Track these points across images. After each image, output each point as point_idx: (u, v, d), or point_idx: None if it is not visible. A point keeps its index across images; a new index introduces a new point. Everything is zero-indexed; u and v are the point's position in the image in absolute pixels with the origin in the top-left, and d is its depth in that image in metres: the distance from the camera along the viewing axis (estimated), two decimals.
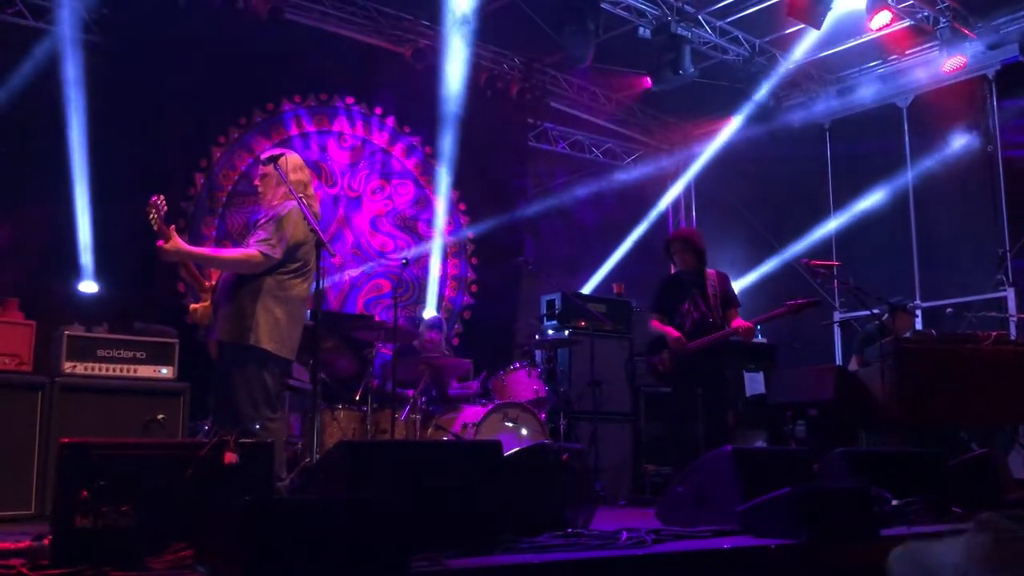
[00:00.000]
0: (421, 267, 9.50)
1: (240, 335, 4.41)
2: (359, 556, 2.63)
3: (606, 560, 3.24)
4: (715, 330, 6.24)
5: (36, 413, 5.46)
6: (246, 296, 4.46)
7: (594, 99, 10.73)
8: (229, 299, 4.48)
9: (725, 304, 6.40)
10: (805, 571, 3.64)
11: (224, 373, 4.43)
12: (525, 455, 4.15)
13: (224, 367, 4.45)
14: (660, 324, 6.44)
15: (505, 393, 6.88)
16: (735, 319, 6.29)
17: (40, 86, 7.09)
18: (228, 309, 4.47)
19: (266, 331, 4.43)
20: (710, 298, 6.35)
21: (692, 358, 6.23)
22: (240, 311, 4.43)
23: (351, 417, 6.52)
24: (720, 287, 6.43)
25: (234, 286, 4.51)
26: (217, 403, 4.59)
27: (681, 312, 6.38)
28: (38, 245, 7.19)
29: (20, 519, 5.19)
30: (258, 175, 4.78)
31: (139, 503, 2.95)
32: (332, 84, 9.09)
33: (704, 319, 6.31)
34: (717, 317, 6.31)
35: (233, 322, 4.43)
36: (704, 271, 6.46)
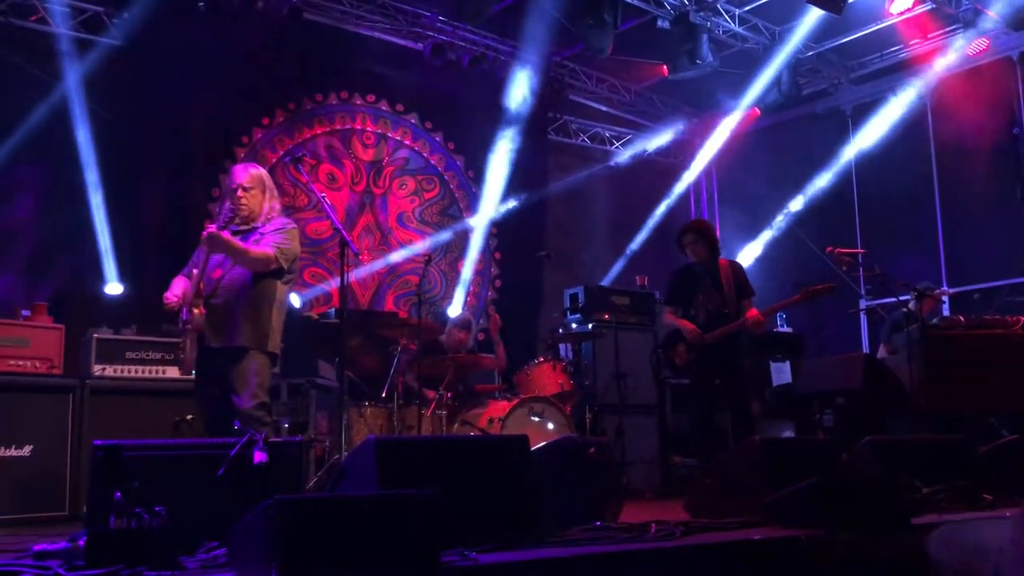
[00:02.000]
0: (448, 263, 9.53)
1: (260, 340, 4.55)
2: (390, 552, 2.65)
3: (635, 553, 3.24)
4: (730, 321, 6.19)
5: (67, 415, 5.54)
6: (264, 302, 4.59)
7: (613, 91, 10.69)
8: (248, 305, 4.55)
9: (740, 294, 6.34)
10: (835, 561, 3.63)
11: (223, 375, 4.49)
12: (552, 449, 4.15)
13: (226, 369, 4.50)
14: (674, 317, 6.41)
15: (530, 387, 6.87)
16: (750, 309, 6.24)
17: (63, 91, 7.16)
18: (249, 315, 4.55)
19: (278, 336, 4.65)
20: (724, 288, 6.29)
21: (708, 350, 6.19)
22: (261, 317, 4.57)
23: (377, 414, 6.54)
24: (734, 277, 6.37)
25: (251, 292, 4.57)
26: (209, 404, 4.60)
27: (695, 304, 6.34)
28: (64, 249, 7.26)
29: (54, 520, 5.27)
30: (241, 191, 4.66)
31: (171, 503, 2.98)
32: (353, 82, 9.13)
33: (719, 310, 6.26)
34: (732, 308, 6.25)
35: (256, 327, 4.54)
36: (717, 261, 6.41)
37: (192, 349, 4.48)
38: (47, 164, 7.20)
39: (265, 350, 4.59)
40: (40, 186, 7.18)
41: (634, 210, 11.06)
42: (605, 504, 4.12)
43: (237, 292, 4.56)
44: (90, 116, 7.29)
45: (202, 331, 4.48)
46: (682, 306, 6.41)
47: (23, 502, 5.23)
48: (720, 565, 3.37)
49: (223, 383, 4.51)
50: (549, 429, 6.38)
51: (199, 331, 4.48)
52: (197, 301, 4.48)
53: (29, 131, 7.11)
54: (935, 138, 9.60)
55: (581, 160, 11.06)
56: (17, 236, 7.10)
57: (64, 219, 7.23)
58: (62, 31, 7.46)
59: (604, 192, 10.95)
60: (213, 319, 4.50)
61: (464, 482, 3.41)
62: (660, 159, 11.60)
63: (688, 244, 6.46)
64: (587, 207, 10.79)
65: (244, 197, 4.65)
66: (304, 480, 4.71)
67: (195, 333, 4.48)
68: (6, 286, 6.86)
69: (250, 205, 4.66)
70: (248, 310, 4.56)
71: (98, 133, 7.30)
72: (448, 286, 9.52)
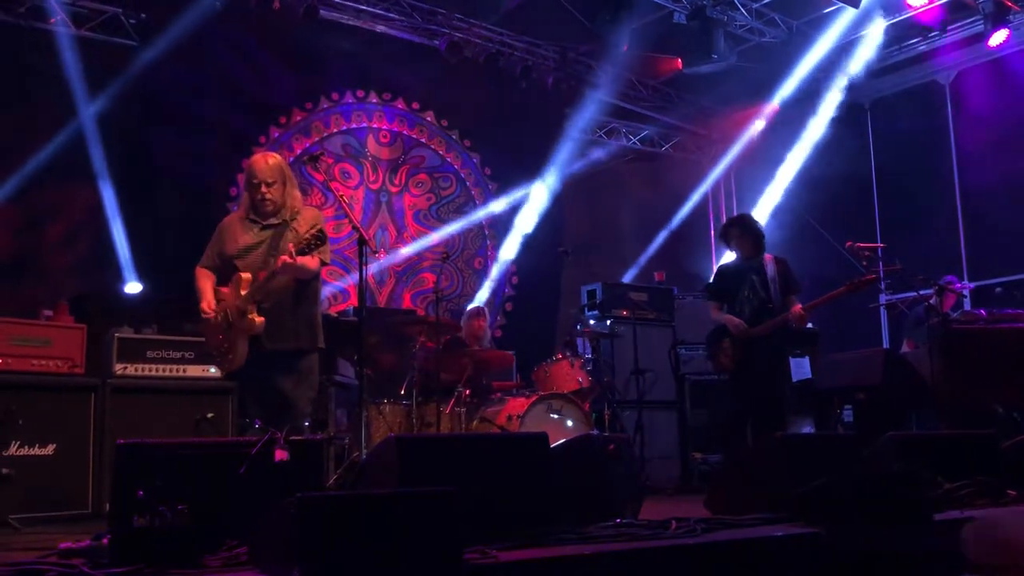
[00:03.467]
0: (464, 260, 9.54)
1: (313, 340, 4.62)
2: (412, 549, 2.66)
3: (657, 550, 3.23)
4: (775, 316, 6.13)
5: (89, 414, 5.56)
6: (311, 302, 4.66)
7: (630, 86, 10.66)
8: (298, 306, 4.59)
9: (785, 290, 6.25)
10: (857, 557, 3.61)
11: (272, 376, 4.52)
12: (572, 446, 4.16)
13: (282, 369, 4.53)
14: (718, 312, 6.35)
15: (548, 384, 6.87)
16: (795, 305, 6.12)
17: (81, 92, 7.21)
18: (301, 315, 4.60)
19: (323, 334, 4.68)
20: (769, 284, 6.22)
21: (753, 345, 6.13)
22: (312, 316, 4.63)
23: (396, 411, 6.56)
24: (779, 272, 6.29)
25: (300, 293, 4.59)
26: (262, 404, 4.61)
27: (740, 299, 6.28)
28: (85, 249, 7.31)
29: (78, 519, 5.30)
30: (264, 186, 4.61)
31: (194, 501, 3.00)
32: (369, 80, 9.16)
33: (763, 305, 6.16)
34: (777, 303, 6.18)
35: (309, 327, 4.61)
36: (762, 257, 6.34)
37: (243, 350, 4.49)
38: (66, 166, 7.25)
39: (316, 347, 4.67)
40: (60, 187, 7.22)
41: (653, 206, 11.03)
42: (625, 501, 4.12)
43: (287, 294, 4.56)
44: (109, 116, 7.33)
45: (255, 333, 4.48)
46: (726, 301, 6.34)
47: (47, 501, 5.26)
48: (741, 562, 3.36)
49: (274, 381, 4.54)
50: (568, 426, 6.38)
51: (251, 333, 4.48)
52: (251, 306, 4.47)
53: (48, 131, 7.17)
54: (955, 131, 9.53)
55: (598, 156, 11.02)
56: (39, 237, 7.15)
57: (84, 220, 7.28)
58: (81, 33, 7.50)
59: (622, 188, 10.92)
60: (267, 322, 4.50)
61: (484, 480, 3.42)
62: (678, 155, 11.55)
63: (734, 238, 6.38)
64: (605, 203, 10.77)
65: (268, 192, 4.61)
66: (325, 478, 4.73)
67: (246, 335, 4.49)
68: (28, 286, 6.92)
69: (274, 199, 4.64)
70: (300, 311, 4.60)
71: (116, 133, 7.34)
72: (465, 284, 9.53)
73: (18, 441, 5.23)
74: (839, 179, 10.20)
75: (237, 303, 4.47)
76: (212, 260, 4.71)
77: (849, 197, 10.13)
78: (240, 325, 4.46)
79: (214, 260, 4.70)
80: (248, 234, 4.62)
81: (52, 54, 7.23)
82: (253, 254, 4.57)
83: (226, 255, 4.62)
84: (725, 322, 6.24)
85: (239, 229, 4.66)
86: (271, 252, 4.54)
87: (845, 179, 10.20)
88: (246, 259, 4.57)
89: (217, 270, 4.70)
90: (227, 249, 4.62)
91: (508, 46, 9.42)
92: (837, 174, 10.23)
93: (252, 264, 4.55)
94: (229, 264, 4.63)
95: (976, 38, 9.13)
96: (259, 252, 4.57)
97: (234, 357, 4.48)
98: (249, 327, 4.44)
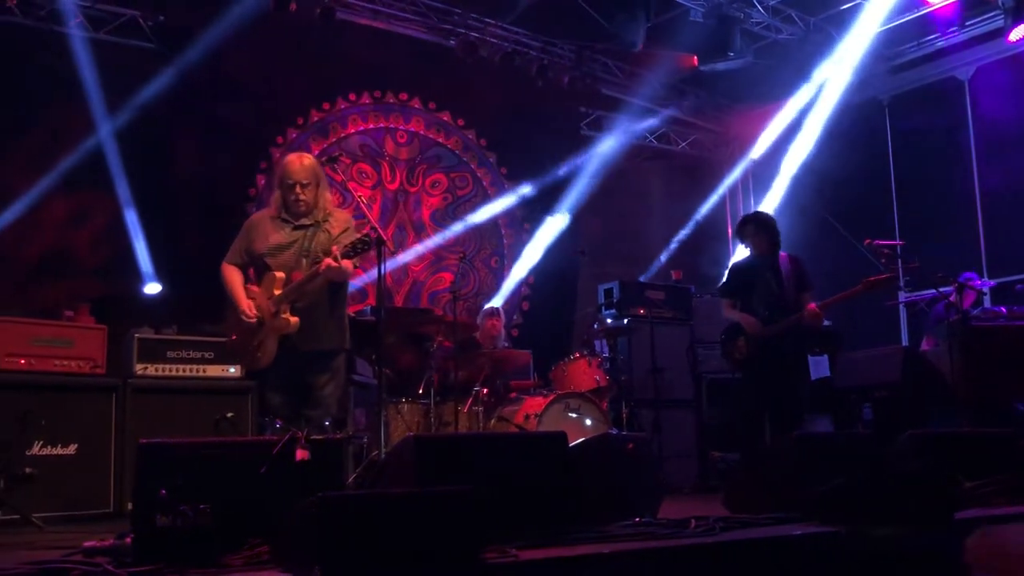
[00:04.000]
0: (482, 260, 9.56)
1: (343, 340, 4.71)
2: (432, 549, 2.67)
3: (676, 549, 3.24)
4: (789, 315, 6.11)
5: (110, 414, 5.63)
6: (341, 303, 4.74)
7: (646, 85, 10.64)
8: (330, 307, 4.64)
9: (799, 288, 6.23)
10: (876, 557, 3.60)
11: (303, 375, 4.55)
12: (590, 445, 4.16)
13: (313, 369, 4.57)
14: (732, 309, 6.33)
15: (566, 383, 6.87)
16: (809, 303, 6.09)
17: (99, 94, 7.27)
18: (334, 316, 4.67)
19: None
20: (784, 282, 6.20)
21: (767, 344, 6.11)
22: (341, 317, 4.71)
23: (415, 410, 6.58)
24: (794, 270, 6.26)
25: (331, 295, 4.64)
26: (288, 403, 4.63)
27: (755, 297, 6.26)
28: (104, 250, 7.37)
29: (99, 518, 5.36)
30: (299, 187, 4.63)
31: (215, 501, 3.02)
32: (386, 81, 9.18)
33: (778, 304, 6.13)
34: (791, 302, 6.16)
35: (339, 328, 4.68)
36: (777, 255, 6.32)
37: (272, 349, 4.51)
38: (86, 167, 7.30)
39: (344, 348, 4.76)
40: (80, 190, 7.28)
41: (669, 205, 11.02)
42: (644, 500, 4.12)
43: (320, 295, 4.60)
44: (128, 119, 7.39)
45: (288, 332, 4.50)
46: (741, 299, 6.32)
47: (69, 500, 5.32)
48: (760, 561, 3.36)
49: (305, 381, 4.59)
50: (586, 425, 6.38)
51: (285, 332, 4.51)
52: (284, 305, 4.49)
53: (67, 135, 7.23)
54: (974, 126, 9.46)
55: (614, 155, 11.00)
56: (60, 240, 7.21)
57: (104, 222, 7.33)
58: (99, 36, 7.56)
59: (640, 187, 10.91)
60: (301, 322, 4.53)
61: (503, 479, 3.43)
62: (694, 152, 11.53)
63: (749, 236, 6.36)
64: (622, 203, 10.75)
65: (302, 193, 4.63)
66: (345, 477, 4.75)
67: (277, 334, 4.51)
68: (50, 288, 6.98)
69: (307, 200, 4.66)
70: (334, 312, 4.67)
71: (135, 135, 7.40)
72: (482, 283, 9.54)
73: (40, 441, 5.30)
74: (857, 176, 10.13)
75: (270, 302, 4.50)
76: (240, 257, 4.73)
77: (867, 194, 10.06)
78: (273, 324, 4.49)
79: (242, 257, 4.73)
80: (279, 233, 4.65)
81: (70, 57, 7.28)
82: (285, 253, 4.60)
83: (255, 252, 4.65)
84: (739, 320, 6.22)
85: (270, 227, 4.69)
86: (303, 253, 4.58)
87: (863, 176, 10.14)
88: (277, 258, 4.60)
89: (243, 267, 4.73)
90: (256, 247, 4.64)
91: (524, 45, 9.42)
92: (855, 171, 10.17)
93: (284, 264, 4.58)
94: (257, 261, 4.66)
95: (996, 33, 9.05)
96: (291, 252, 4.60)
97: (263, 355, 4.51)
98: (283, 326, 4.48)
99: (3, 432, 5.14)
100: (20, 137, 7.12)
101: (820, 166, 10.39)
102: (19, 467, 5.13)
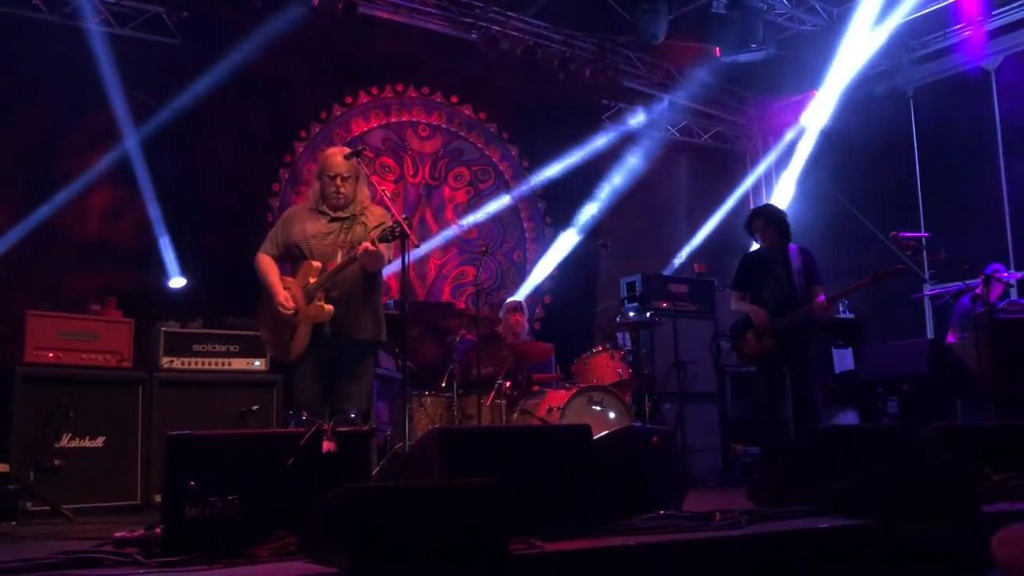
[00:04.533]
0: (504, 253, 9.57)
1: (379, 331, 4.71)
2: (459, 540, 2.69)
3: (701, 542, 3.24)
4: (799, 307, 6.11)
5: (137, 407, 5.69)
6: (376, 293, 4.75)
7: (668, 76, 10.61)
8: (365, 297, 4.66)
9: (808, 281, 6.24)
10: (904, 550, 3.58)
11: (335, 365, 4.59)
12: (615, 438, 4.16)
13: (348, 360, 4.60)
14: (742, 302, 6.34)
15: (588, 376, 6.87)
16: (818, 296, 6.14)
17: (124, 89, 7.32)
18: (370, 307, 4.68)
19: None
20: (793, 275, 6.20)
21: (776, 336, 6.12)
22: (378, 308, 4.72)
23: (438, 404, 6.60)
24: (803, 263, 6.27)
25: (367, 284, 4.66)
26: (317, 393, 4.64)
27: (764, 290, 6.27)
28: (130, 245, 7.43)
29: (128, 509, 5.42)
30: (340, 179, 4.68)
31: (242, 492, 3.05)
32: (407, 75, 9.19)
33: (787, 297, 6.17)
34: (801, 295, 6.17)
35: (375, 319, 4.68)
36: (787, 247, 6.32)
37: (305, 338, 4.52)
38: (112, 162, 7.36)
39: (381, 340, 4.77)
40: (105, 184, 7.34)
41: (693, 197, 10.97)
42: (668, 493, 4.12)
43: (355, 284, 4.63)
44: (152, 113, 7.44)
45: (323, 320, 4.53)
46: (750, 292, 6.32)
47: (97, 492, 5.38)
48: (786, 554, 3.35)
49: (336, 370, 4.60)
50: (610, 418, 6.37)
51: (319, 320, 4.53)
52: (319, 293, 4.52)
53: (93, 128, 7.29)
54: (1001, 117, 9.35)
55: (637, 148, 10.98)
56: (86, 234, 7.28)
57: (130, 216, 7.39)
58: (124, 32, 7.61)
59: (662, 180, 10.86)
60: (336, 311, 4.55)
61: (528, 471, 3.44)
62: (718, 145, 11.47)
63: (759, 229, 6.38)
64: (645, 195, 10.70)
65: (343, 186, 4.67)
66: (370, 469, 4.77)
67: (311, 322, 4.54)
68: (77, 282, 7.05)
69: (346, 194, 4.70)
70: (370, 302, 4.69)
71: (159, 131, 7.45)
72: (504, 276, 9.55)
73: (69, 433, 5.36)
74: (881, 167, 10.06)
75: (305, 290, 4.53)
76: (276, 248, 4.76)
77: (892, 186, 9.98)
78: (307, 312, 4.52)
79: (278, 248, 4.76)
80: (317, 223, 4.69)
81: (94, 53, 7.33)
82: (322, 244, 4.63)
83: (291, 243, 4.68)
84: (748, 312, 6.23)
85: (307, 218, 4.72)
86: (338, 244, 4.61)
87: (888, 167, 10.06)
88: (314, 248, 4.63)
89: (279, 259, 4.76)
90: (293, 237, 4.67)
91: (545, 38, 9.40)
92: (880, 162, 10.10)
93: (321, 254, 4.61)
94: (293, 252, 4.68)
95: (1022, 23, 8.95)
96: (328, 242, 4.63)
97: (295, 345, 4.53)
98: (318, 314, 4.50)
99: (32, 425, 5.20)
100: (51, 134, 7.18)
101: (844, 157, 10.31)
102: (48, 459, 5.19)
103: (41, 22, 7.25)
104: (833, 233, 10.21)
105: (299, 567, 2.77)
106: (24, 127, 7.13)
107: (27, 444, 5.15)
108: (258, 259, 4.74)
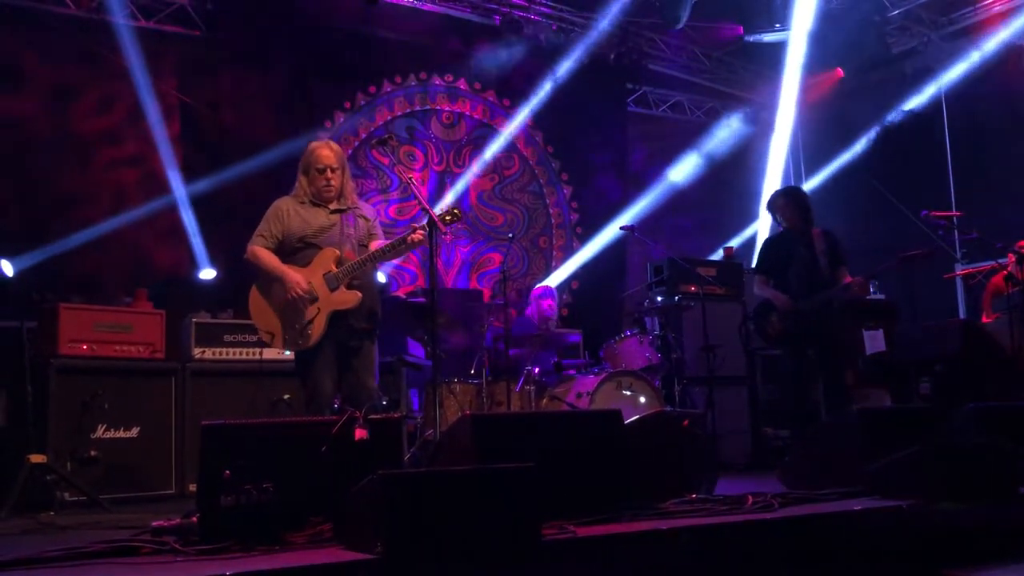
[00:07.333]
0: (530, 239, 9.56)
1: (378, 321, 4.80)
2: (492, 525, 2.69)
3: (734, 525, 3.23)
4: (824, 289, 6.06)
5: (170, 397, 5.75)
6: (376, 285, 4.93)
7: (693, 59, 10.53)
8: (373, 288, 4.81)
9: (834, 262, 6.17)
10: (939, 531, 3.55)
11: (349, 351, 4.63)
12: (647, 423, 4.15)
13: (359, 348, 4.67)
14: (765, 286, 6.30)
15: (617, 361, 6.86)
16: (845, 277, 6.07)
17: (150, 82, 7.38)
18: (375, 297, 4.80)
19: (395, 315, 4.93)
20: (818, 257, 6.14)
21: (802, 319, 6.07)
22: (377, 299, 4.84)
23: (467, 390, 6.62)
24: (828, 245, 6.20)
25: (373, 276, 4.88)
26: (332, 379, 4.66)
27: (788, 272, 6.21)
28: (161, 237, 7.49)
29: (163, 499, 5.49)
30: (330, 171, 4.70)
31: (277, 480, 3.08)
32: (430, 62, 9.18)
33: (812, 278, 6.11)
34: (826, 276, 6.11)
35: (375, 309, 4.77)
36: (811, 230, 6.26)
37: (321, 326, 4.55)
38: (140, 156, 7.42)
39: (378, 326, 4.85)
40: (135, 179, 7.40)
41: (719, 179, 10.87)
42: (700, 476, 4.11)
43: (370, 275, 4.80)
44: (179, 106, 7.49)
45: (348, 307, 4.57)
46: (774, 275, 6.28)
47: (132, 481, 5.45)
48: (820, 536, 3.34)
49: (349, 357, 4.64)
50: (640, 403, 6.37)
51: (344, 307, 4.57)
52: (340, 282, 4.57)
53: (121, 123, 7.35)
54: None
55: (662, 130, 10.92)
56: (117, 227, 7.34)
57: (159, 209, 7.45)
58: (149, 25, 7.66)
59: (686, 161, 10.79)
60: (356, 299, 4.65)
61: (560, 457, 3.44)
62: (743, 126, 11.36)
63: (780, 210, 6.33)
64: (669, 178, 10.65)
65: (333, 178, 4.71)
66: (402, 455, 4.80)
67: (330, 310, 4.57)
68: (108, 274, 7.12)
69: (337, 185, 4.74)
70: (374, 292, 4.81)
71: (185, 123, 7.49)
72: (531, 263, 9.54)
73: (104, 424, 5.43)
74: (912, 147, 9.94)
75: (325, 277, 4.56)
76: (273, 241, 4.74)
77: (923, 165, 9.86)
78: (331, 299, 4.54)
79: (274, 241, 4.74)
80: (319, 217, 4.71)
81: (121, 45, 7.37)
82: (328, 235, 4.67)
83: (294, 236, 4.67)
84: (770, 296, 6.19)
85: (305, 212, 4.72)
86: (347, 236, 4.66)
87: (918, 147, 9.94)
88: (322, 240, 4.66)
89: (276, 251, 4.76)
90: (296, 231, 4.67)
91: (568, 23, 9.36)
92: (910, 142, 9.97)
93: (330, 245, 4.65)
94: (294, 245, 4.69)
95: None
96: (333, 233, 4.67)
97: (313, 332, 4.53)
98: (344, 300, 4.55)
99: (68, 416, 5.27)
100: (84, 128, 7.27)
101: (874, 137, 10.20)
102: (85, 450, 5.26)
103: (67, 17, 7.31)
104: (861, 213, 10.13)
105: (334, 553, 2.79)
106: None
107: (64, 435, 5.22)
108: (255, 251, 4.70)
